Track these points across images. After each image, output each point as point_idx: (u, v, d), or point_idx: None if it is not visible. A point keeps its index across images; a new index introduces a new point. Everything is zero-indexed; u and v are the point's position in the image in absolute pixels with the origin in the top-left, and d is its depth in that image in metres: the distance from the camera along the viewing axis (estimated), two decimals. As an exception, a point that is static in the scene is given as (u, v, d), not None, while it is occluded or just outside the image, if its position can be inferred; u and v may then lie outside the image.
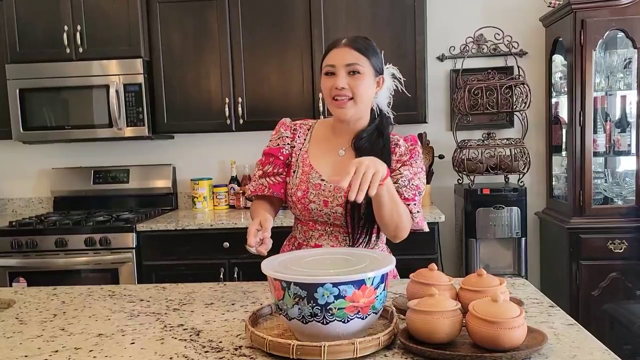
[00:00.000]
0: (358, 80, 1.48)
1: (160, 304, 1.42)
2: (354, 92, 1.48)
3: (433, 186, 3.23)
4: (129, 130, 3.06)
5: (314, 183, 1.55)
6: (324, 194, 1.54)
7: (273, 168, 1.62)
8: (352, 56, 1.49)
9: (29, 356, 1.09)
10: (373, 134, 1.56)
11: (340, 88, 1.47)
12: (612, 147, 2.95)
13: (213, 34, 3.07)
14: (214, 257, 2.86)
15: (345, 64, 1.48)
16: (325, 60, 1.53)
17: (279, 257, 1.19)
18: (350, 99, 1.49)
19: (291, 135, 1.64)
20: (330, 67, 1.50)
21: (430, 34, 3.12)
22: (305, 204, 1.56)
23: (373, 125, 1.57)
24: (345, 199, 1.50)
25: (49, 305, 1.44)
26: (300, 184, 1.57)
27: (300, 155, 1.62)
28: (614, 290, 2.81)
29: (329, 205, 1.53)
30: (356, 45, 1.50)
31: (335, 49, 1.52)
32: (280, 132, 1.65)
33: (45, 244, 2.85)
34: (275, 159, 1.62)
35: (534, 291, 1.43)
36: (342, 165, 1.53)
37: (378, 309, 1.06)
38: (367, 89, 1.50)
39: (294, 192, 1.57)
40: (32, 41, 3.06)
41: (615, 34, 2.90)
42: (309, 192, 1.55)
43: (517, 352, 0.96)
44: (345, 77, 1.48)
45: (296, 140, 1.64)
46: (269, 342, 1.01)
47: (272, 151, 1.63)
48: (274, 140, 1.65)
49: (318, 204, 1.54)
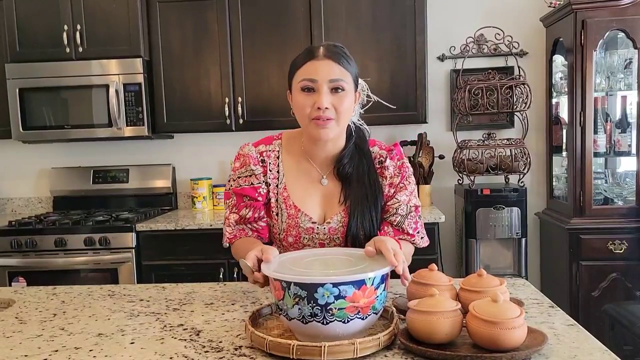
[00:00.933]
0: (342, 98, 1.32)
1: (160, 304, 1.41)
2: (338, 112, 1.32)
3: (433, 186, 3.23)
4: (129, 130, 3.05)
5: (305, 227, 1.43)
6: (319, 237, 1.43)
7: (253, 213, 1.44)
8: (337, 71, 1.32)
9: (29, 356, 1.09)
10: (354, 155, 1.42)
11: (324, 108, 1.30)
12: (613, 147, 2.95)
13: (213, 34, 3.07)
14: (213, 257, 2.85)
15: (329, 80, 1.31)
16: (301, 73, 1.34)
17: (279, 257, 1.18)
18: (332, 120, 1.32)
19: (262, 169, 1.45)
20: (309, 82, 1.32)
21: (431, 34, 3.12)
22: (298, 248, 1.44)
23: (351, 145, 1.43)
24: (344, 238, 1.42)
25: (48, 305, 1.44)
26: (289, 229, 1.43)
27: (280, 194, 1.44)
28: (614, 291, 2.80)
29: (327, 247, 1.44)
30: (338, 58, 1.33)
31: (315, 60, 1.33)
32: (250, 168, 1.44)
33: (45, 243, 2.85)
34: (253, 202, 1.44)
35: (534, 291, 1.43)
36: (330, 199, 1.44)
37: (378, 309, 1.05)
38: (350, 107, 1.35)
39: (284, 237, 1.44)
40: (32, 41, 3.05)
41: (616, 34, 2.90)
42: (302, 237, 1.43)
43: (517, 353, 0.96)
44: (329, 95, 1.31)
45: (268, 175, 1.45)
46: (269, 342, 1.01)
47: (247, 192, 1.44)
48: (244, 177, 1.45)
49: (313, 246, 1.44)
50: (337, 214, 1.43)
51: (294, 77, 1.38)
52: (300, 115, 1.37)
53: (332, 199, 1.44)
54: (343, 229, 1.43)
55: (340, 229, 1.43)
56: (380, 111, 1.84)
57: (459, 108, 3.06)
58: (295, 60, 1.40)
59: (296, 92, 1.36)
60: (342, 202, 1.43)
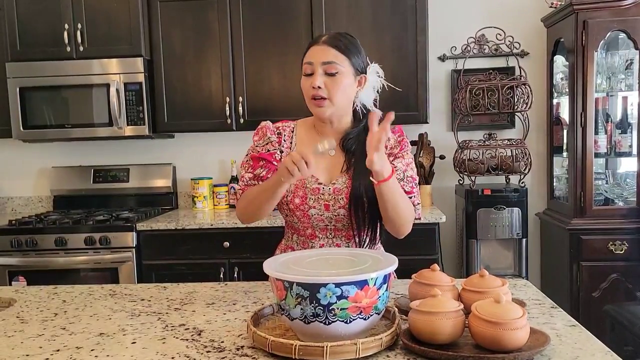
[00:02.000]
0: (335, 80, 1.44)
1: (162, 304, 1.41)
2: (330, 93, 1.44)
3: (434, 186, 3.23)
4: (129, 129, 3.05)
5: (311, 188, 1.51)
6: (324, 197, 1.50)
7: (267, 173, 1.53)
8: (330, 54, 1.44)
9: (30, 355, 1.09)
10: (361, 134, 1.50)
11: (317, 87, 1.43)
12: (613, 148, 2.95)
13: (214, 33, 3.07)
14: (214, 257, 2.85)
15: (321, 62, 1.44)
16: (304, 58, 1.49)
17: (281, 257, 1.18)
18: (326, 99, 1.45)
19: (277, 139, 1.58)
20: (308, 65, 1.47)
21: (432, 34, 3.12)
22: (305, 210, 1.51)
23: (361, 127, 1.52)
24: (349, 198, 1.48)
25: (49, 304, 1.44)
26: (296, 190, 1.51)
27: None
28: (614, 292, 2.80)
29: (331, 209, 1.50)
30: (335, 43, 1.46)
31: (315, 46, 1.48)
32: (268, 137, 1.57)
33: (45, 243, 2.85)
34: (268, 164, 1.54)
35: (536, 292, 1.43)
36: (335, 166, 1.53)
37: (380, 309, 1.05)
38: (345, 89, 1.46)
39: (291, 199, 1.51)
40: (33, 39, 3.05)
41: (617, 34, 2.90)
42: (308, 197, 1.51)
43: (520, 353, 0.96)
44: (322, 76, 1.44)
45: (282, 144, 1.57)
46: (271, 342, 1.01)
47: (264, 156, 1.55)
48: (262, 145, 1.57)
49: (319, 208, 1.50)
50: (342, 176, 1.52)
51: (302, 63, 1.50)
52: (305, 96, 1.50)
53: (338, 166, 1.54)
54: (347, 190, 1.50)
55: (345, 189, 1.50)
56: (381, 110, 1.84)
57: (459, 108, 3.06)
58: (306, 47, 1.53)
59: (302, 77, 1.50)
60: (346, 169, 1.52)
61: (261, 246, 1.70)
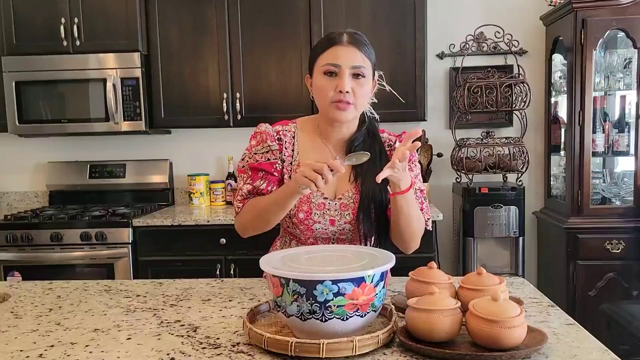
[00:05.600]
0: (362, 84, 1.38)
1: (157, 300, 1.40)
2: (357, 97, 1.38)
3: (431, 184, 3.22)
4: (126, 124, 3.03)
5: (317, 203, 1.45)
6: (330, 213, 1.45)
7: (267, 185, 1.45)
8: (358, 58, 1.37)
9: (24, 350, 1.08)
10: (366, 139, 1.47)
11: (346, 92, 1.35)
12: (611, 147, 2.96)
13: (212, 29, 3.05)
14: (210, 254, 2.84)
15: (351, 66, 1.36)
16: (324, 57, 1.38)
17: (278, 253, 1.18)
18: (352, 104, 1.38)
19: (278, 146, 1.48)
20: (332, 67, 1.37)
21: (430, 32, 3.11)
22: (309, 225, 1.46)
23: (364, 130, 1.48)
24: (356, 214, 1.44)
25: (44, 300, 1.43)
26: (300, 204, 1.44)
27: (293, 171, 1.46)
28: (611, 291, 2.81)
29: (336, 224, 1.45)
30: (361, 46, 1.39)
31: (339, 46, 1.38)
32: (268, 144, 1.47)
33: (41, 238, 2.83)
34: (268, 176, 1.46)
35: (533, 290, 1.42)
36: (341, 177, 1.44)
37: (377, 306, 1.05)
38: (367, 94, 1.42)
39: (294, 213, 1.45)
40: (29, 34, 3.03)
41: (616, 33, 2.90)
42: (313, 212, 1.45)
43: (517, 352, 0.95)
44: (350, 80, 1.37)
45: (284, 152, 1.48)
46: (267, 339, 1.00)
47: (264, 167, 1.46)
48: (261, 153, 1.47)
49: (324, 223, 1.45)
50: (349, 191, 1.47)
51: (317, 61, 1.41)
52: (321, 97, 1.41)
53: (344, 177, 1.47)
54: (354, 205, 1.45)
55: (352, 204, 1.46)
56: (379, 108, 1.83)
57: (458, 106, 3.05)
58: (318, 45, 1.44)
59: (318, 76, 1.40)
60: (353, 180, 1.47)
61: (258, 243, 1.68)
